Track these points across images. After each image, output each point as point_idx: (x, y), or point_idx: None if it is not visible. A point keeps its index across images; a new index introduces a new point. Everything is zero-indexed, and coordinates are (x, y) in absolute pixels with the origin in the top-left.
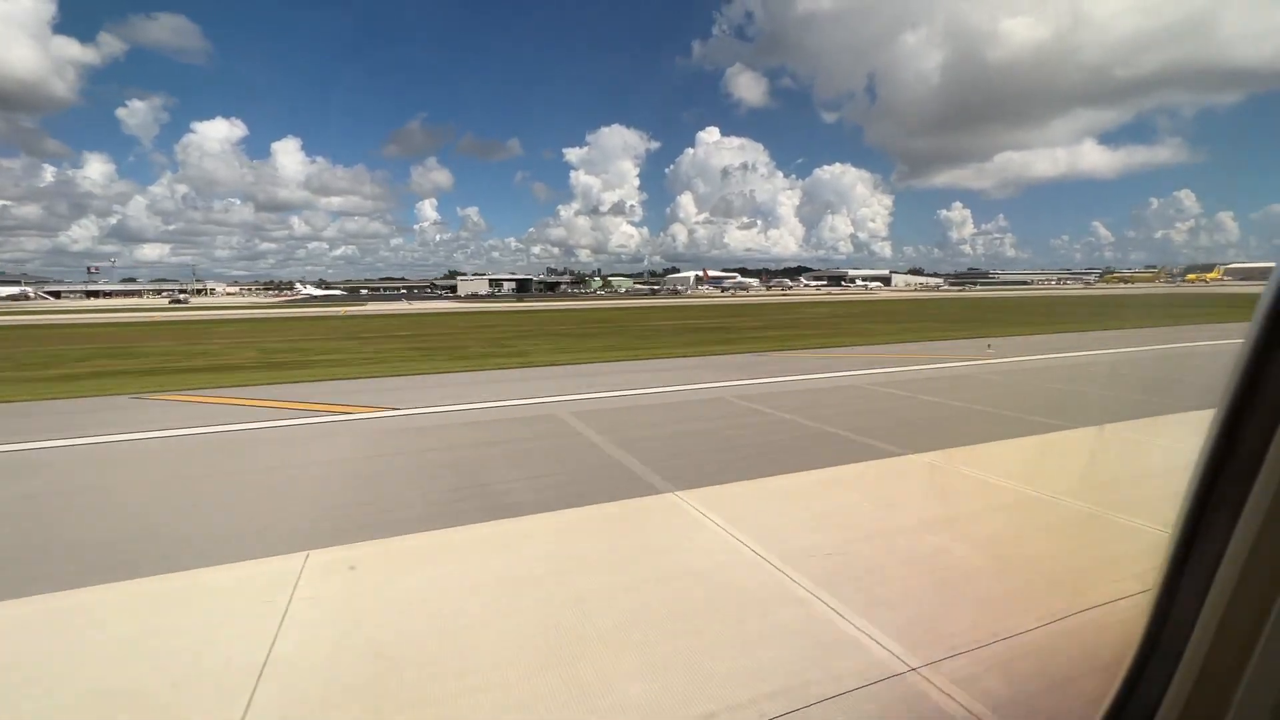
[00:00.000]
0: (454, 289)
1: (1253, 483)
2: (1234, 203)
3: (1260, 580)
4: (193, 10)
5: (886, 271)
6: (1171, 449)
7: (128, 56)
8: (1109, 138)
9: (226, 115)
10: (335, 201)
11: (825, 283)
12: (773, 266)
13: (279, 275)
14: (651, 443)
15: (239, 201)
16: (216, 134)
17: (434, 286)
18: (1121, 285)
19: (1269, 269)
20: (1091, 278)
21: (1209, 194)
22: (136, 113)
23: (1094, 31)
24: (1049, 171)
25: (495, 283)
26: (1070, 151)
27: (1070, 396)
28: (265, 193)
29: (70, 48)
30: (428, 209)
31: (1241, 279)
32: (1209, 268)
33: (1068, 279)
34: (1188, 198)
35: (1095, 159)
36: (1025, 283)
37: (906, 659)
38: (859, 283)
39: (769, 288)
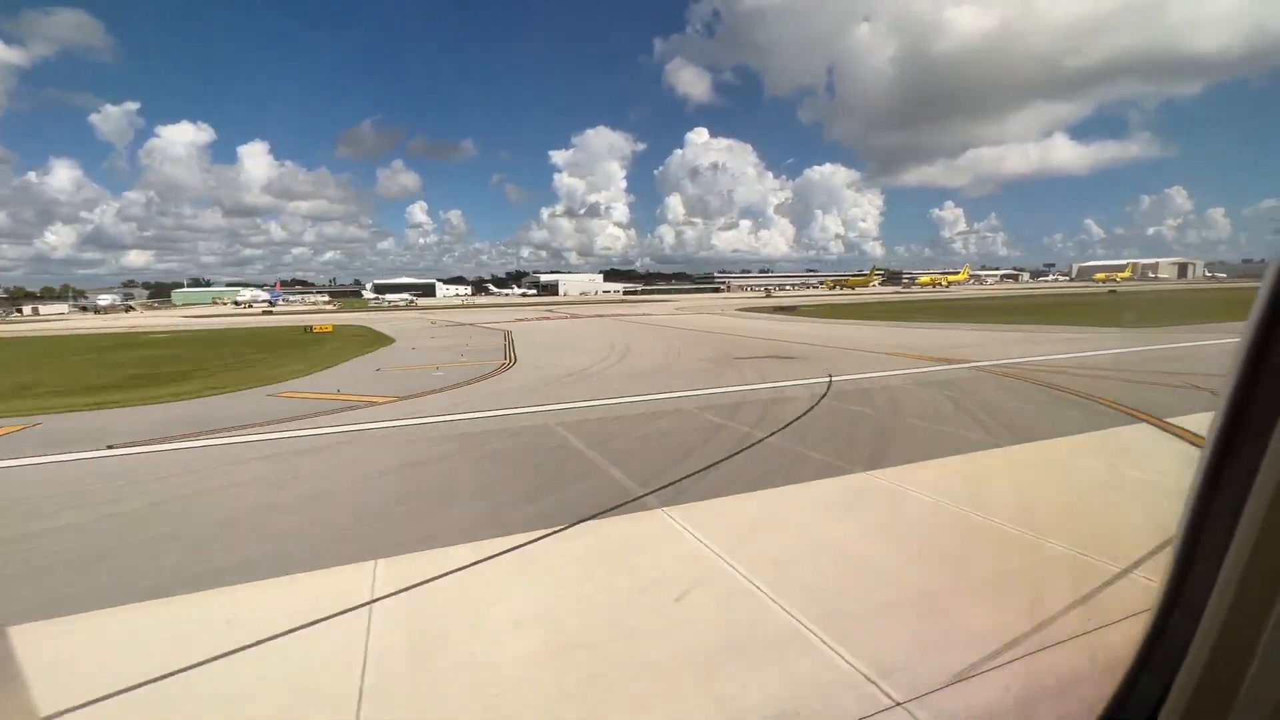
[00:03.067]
0: None
1: (1251, 486)
2: (1223, 198)
3: (1260, 585)
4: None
5: (432, 280)
6: None
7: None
8: (1079, 132)
9: (154, 117)
10: (305, 206)
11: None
12: (766, 268)
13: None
14: None
15: (206, 207)
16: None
17: None
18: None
19: (1118, 265)
20: (793, 283)
21: (1196, 189)
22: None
23: (1036, 19)
24: (1022, 168)
25: None
26: (1042, 147)
27: None
28: (231, 197)
29: None
30: (416, 213)
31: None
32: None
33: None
34: (1179, 194)
35: (1069, 154)
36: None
37: None
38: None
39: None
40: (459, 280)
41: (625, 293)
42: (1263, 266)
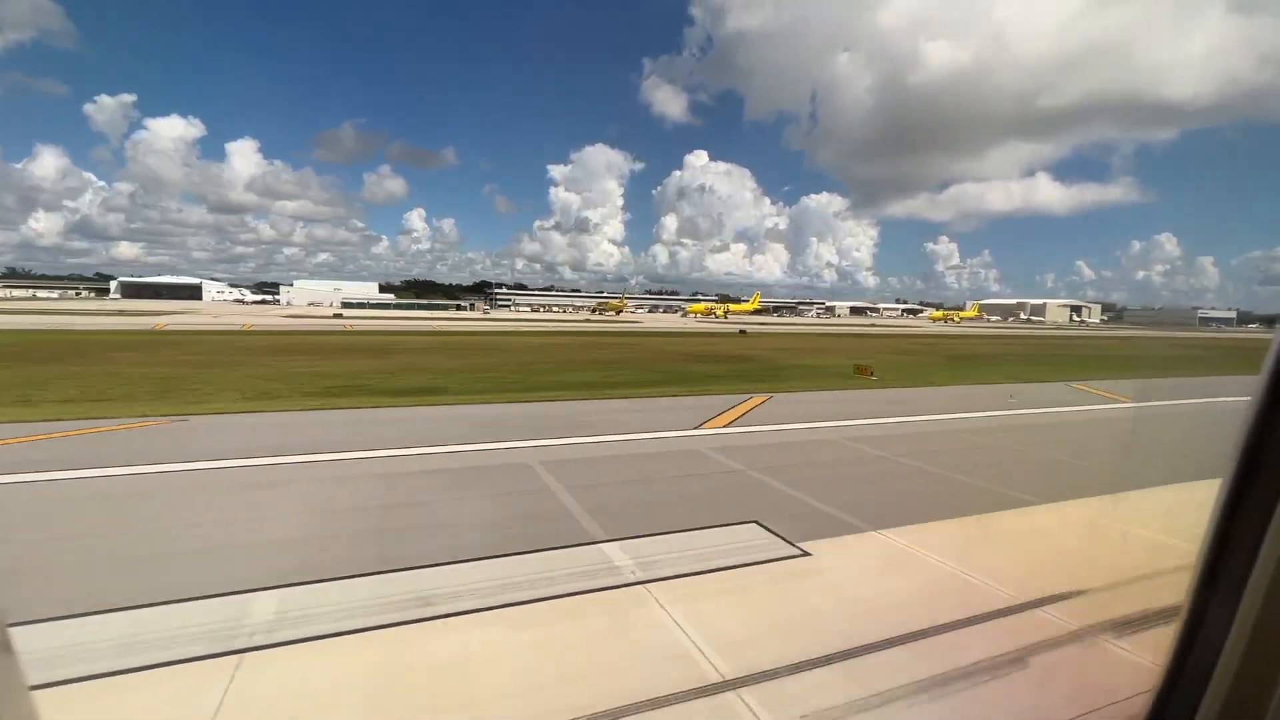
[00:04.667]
0: None
1: (1268, 525)
2: (1211, 247)
3: (1276, 630)
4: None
5: (199, 281)
6: None
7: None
8: (1060, 173)
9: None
10: (291, 206)
11: None
12: (762, 292)
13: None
14: None
15: (190, 202)
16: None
17: None
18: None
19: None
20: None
21: (1185, 237)
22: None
23: (1009, 56)
24: (1005, 205)
25: None
26: (1025, 185)
27: None
28: (215, 194)
29: None
30: (414, 220)
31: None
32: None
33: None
34: (1168, 241)
35: (1052, 194)
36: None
37: None
38: None
39: None
40: (237, 285)
41: (344, 304)
42: (1162, 314)
